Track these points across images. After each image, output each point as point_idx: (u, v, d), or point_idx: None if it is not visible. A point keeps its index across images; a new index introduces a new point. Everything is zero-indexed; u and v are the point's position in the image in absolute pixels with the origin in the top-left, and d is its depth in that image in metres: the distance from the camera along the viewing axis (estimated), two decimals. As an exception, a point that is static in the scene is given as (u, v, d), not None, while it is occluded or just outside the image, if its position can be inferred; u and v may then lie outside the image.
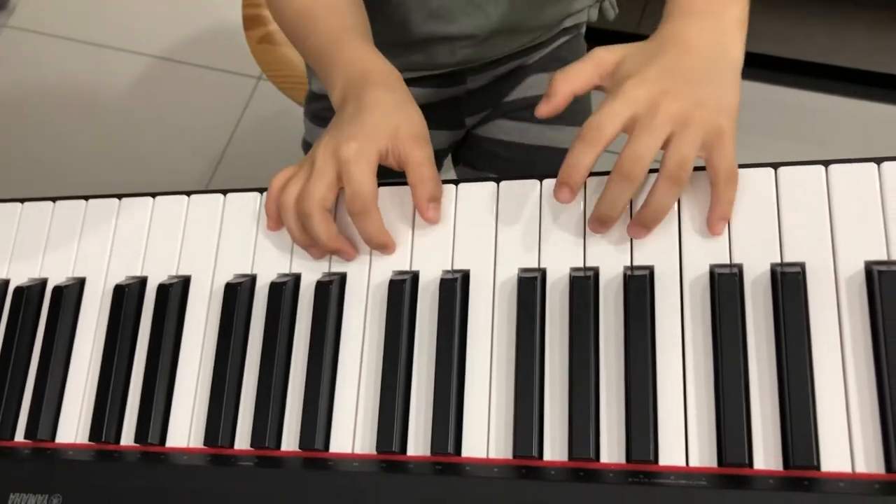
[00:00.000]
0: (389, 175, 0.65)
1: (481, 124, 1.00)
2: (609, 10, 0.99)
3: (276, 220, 0.66)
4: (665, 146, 0.56)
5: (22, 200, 0.73)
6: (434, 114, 0.88)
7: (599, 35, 1.59)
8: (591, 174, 0.60)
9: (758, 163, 0.59)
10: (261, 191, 0.68)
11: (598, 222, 0.59)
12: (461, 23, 0.85)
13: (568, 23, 0.95)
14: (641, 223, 0.58)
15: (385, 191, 0.65)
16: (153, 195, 0.71)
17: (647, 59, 0.59)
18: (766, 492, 0.50)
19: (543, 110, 0.61)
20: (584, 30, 1.01)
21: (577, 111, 0.94)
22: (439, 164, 1.02)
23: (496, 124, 0.99)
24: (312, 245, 0.64)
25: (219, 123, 1.84)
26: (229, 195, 0.69)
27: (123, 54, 2.05)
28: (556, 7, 0.91)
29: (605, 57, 0.61)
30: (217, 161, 1.80)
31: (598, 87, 0.62)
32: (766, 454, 0.52)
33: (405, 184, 0.64)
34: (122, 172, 1.81)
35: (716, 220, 0.57)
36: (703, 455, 0.53)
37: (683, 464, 0.53)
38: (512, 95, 0.97)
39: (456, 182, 0.65)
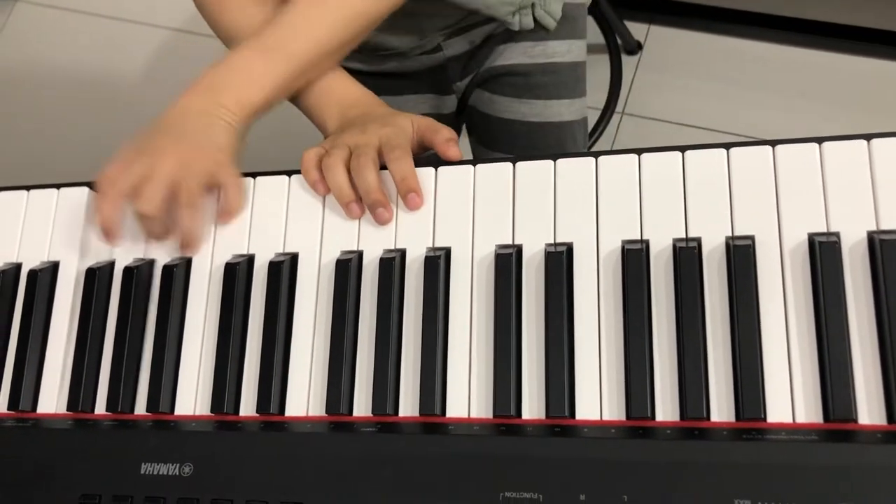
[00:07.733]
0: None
1: (473, 95, 1.04)
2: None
3: (323, 183, 0.71)
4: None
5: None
6: (419, 81, 1.02)
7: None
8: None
9: (847, 135, 0.62)
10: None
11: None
12: None
13: None
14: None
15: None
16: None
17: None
18: (873, 445, 0.54)
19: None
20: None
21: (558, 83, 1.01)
22: None
23: (478, 94, 1.03)
24: (355, 200, 0.69)
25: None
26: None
27: (142, 27, 2.05)
28: None
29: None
30: (245, 134, 1.82)
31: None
32: (869, 409, 0.56)
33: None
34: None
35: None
36: (808, 412, 0.57)
37: (790, 420, 0.57)
38: (486, 64, 1.01)
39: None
